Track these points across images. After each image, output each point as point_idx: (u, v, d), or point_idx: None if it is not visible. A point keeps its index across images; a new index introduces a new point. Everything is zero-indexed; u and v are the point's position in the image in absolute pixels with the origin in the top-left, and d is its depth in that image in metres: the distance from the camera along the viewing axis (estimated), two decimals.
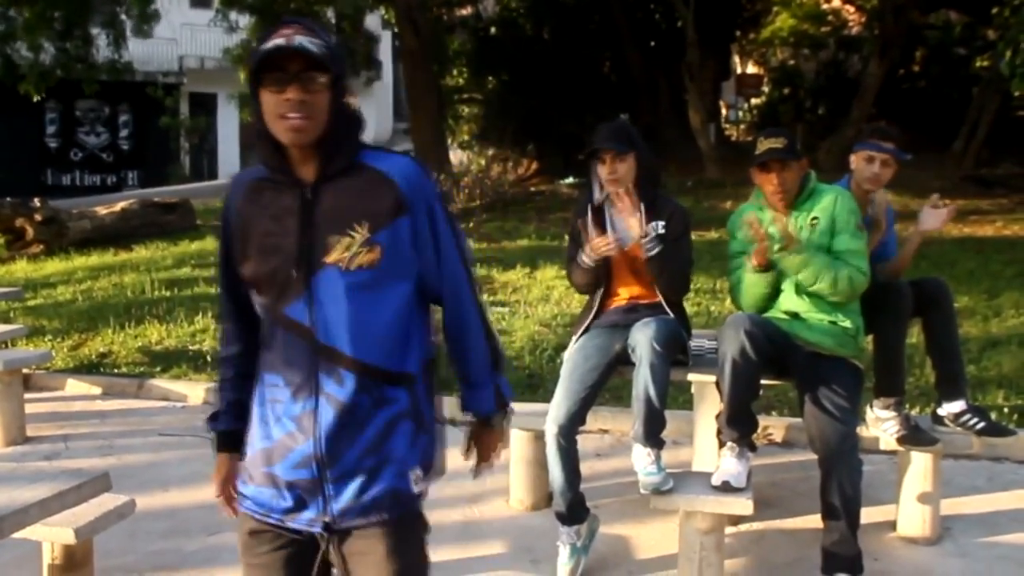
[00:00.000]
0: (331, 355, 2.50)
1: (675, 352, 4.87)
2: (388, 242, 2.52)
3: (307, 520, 2.55)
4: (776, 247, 4.69)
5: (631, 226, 4.86)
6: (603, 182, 5.02)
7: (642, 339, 4.64)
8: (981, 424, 5.11)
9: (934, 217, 5.25)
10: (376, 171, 2.57)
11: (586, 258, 4.96)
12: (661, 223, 4.99)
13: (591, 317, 5.13)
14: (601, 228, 5.03)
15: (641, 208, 5.00)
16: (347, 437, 2.51)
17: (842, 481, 4.41)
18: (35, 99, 20.92)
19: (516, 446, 5.75)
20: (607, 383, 5.13)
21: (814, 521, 4.73)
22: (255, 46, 2.48)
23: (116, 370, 8.93)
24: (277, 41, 2.41)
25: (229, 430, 2.77)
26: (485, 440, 2.96)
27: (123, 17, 21.24)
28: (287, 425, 2.53)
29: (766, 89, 30.03)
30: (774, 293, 4.86)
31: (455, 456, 2.89)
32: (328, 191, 2.52)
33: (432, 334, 2.74)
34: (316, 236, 2.50)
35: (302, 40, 2.42)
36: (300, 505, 2.54)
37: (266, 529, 2.60)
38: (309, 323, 2.50)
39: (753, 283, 4.84)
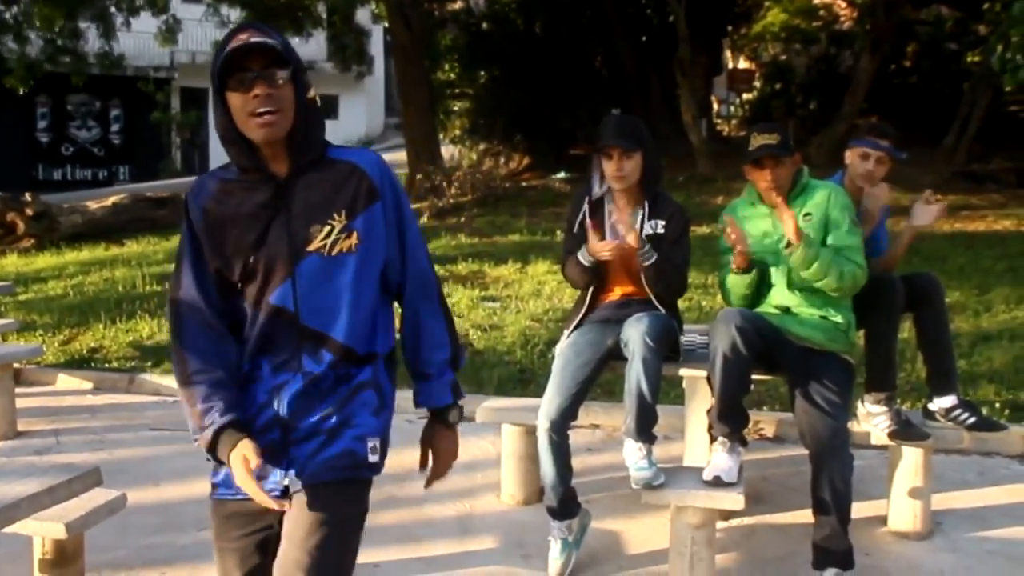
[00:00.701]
0: (314, 336, 2.67)
1: (667, 347, 4.86)
2: (363, 228, 2.69)
3: (276, 483, 2.64)
4: (761, 245, 4.70)
5: (628, 240, 4.85)
6: (608, 178, 5.01)
7: (634, 334, 4.64)
8: (972, 419, 5.12)
9: (926, 213, 5.25)
10: (345, 162, 2.74)
11: (583, 258, 4.96)
12: (661, 222, 4.98)
13: (583, 312, 5.13)
14: (599, 223, 5.03)
15: (645, 206, 5.00)
16: (309, 404, 2.67)
17: (833, 476, 4.42)
18: (21, 91, 20.84)
19: (507, 441, 5.75)
20: (599, 378, 5.13)
21: (805, 516, 4.73)
22: (216, 53, 2.59)
23: (107, 365, 8.92)
24: (236, 43, 2.53)
25: (238, 419, 2.66)
26: (442, 446, 2.97)
27: (112, 10, 21.19)
28: (260, 398, 2.70)
29: (758, 84, 30.02)
30: (763, 290, 4.87)
31: None
32: (302, 183, 2.67)
33: (393, 326, 2.87)
34: (297, 226, 2.64)
35: (259, 39, 2.55)
36: (264, 473, 2.63)
37: (240, 512, 2.68)
38: (294, 308, 2.65)
39: (735, 284, 4.85)
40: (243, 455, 2.55)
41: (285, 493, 2.63)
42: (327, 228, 2.64)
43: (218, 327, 2.72)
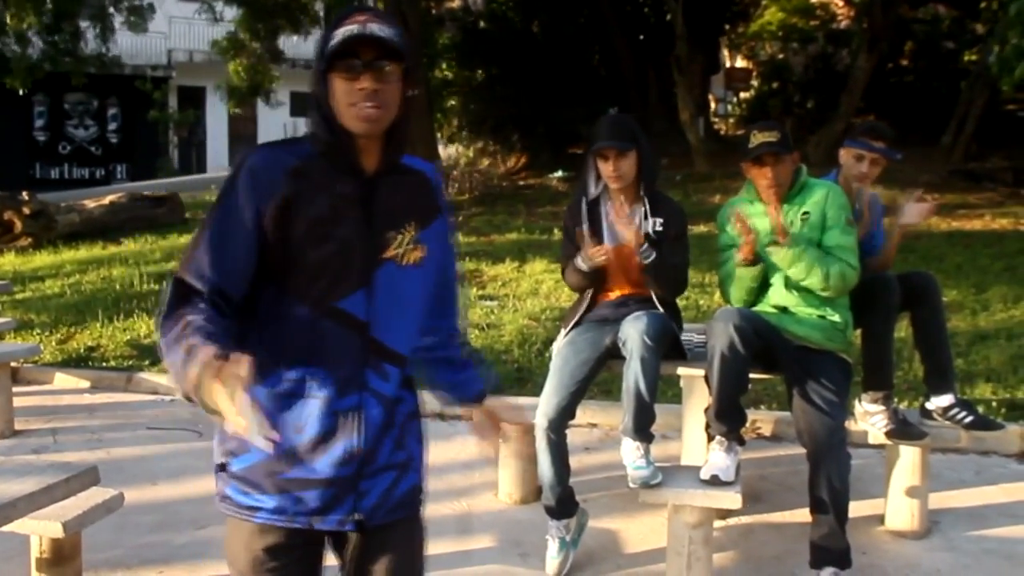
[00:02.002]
0: (381, 351, 2.47)
1: (666, 346, 4.87)
2: (429, 242, 2.55)
3: (336, 520, 2.47)
4: (766, 241, 4.70)
5: (628, 237, 4.85)
6: (605, 178, 5.01)
7: (632, 333, 4.64)
8: (969, 418, 5.13)
9: (915, 211, 5.26)
10: (418, 171, 2.61)
11: (582, 263, 4.97)
12: (660, 220, 4.99)
13: (581, 311, 5.13)
14: (596, 224, 5.04)
15: (645, 204, 5.00)
16: (384, 433, 2.49)
17: (830, 475, 4.42)
18: (21, 92, 20.84)
19: (505, 440, 5.75)
20: (597, 377, 5.13)
21: (802, 515, 4.73)
22: (326, 32, 2.42)
23: (104, 363, 8.92)
24: (351, 28, 2.35)
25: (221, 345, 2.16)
26: (493, 417, 3.00)
27: (111, 11, 21.19)
28: (326, 421, 2.41)
29: (755, 83, 30.02)
30: (763, 287, 4.87)
31: (445, 450, 2.90)
32: (385, 185, 2.49)
33: None
34: (377, 229, 2.46)
35: (375, 28, 2.36)
36: (331, 504, 2.45)
37: (281, 542, 2.49)
38: (365, 317, 2.43)
39: (741, 277, 4.84)
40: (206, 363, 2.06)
41: (359, 526, 2.49)
42: (400, 236, 2.48)
43: (232, 327, 2.36)
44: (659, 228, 4.97)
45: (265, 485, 2.45)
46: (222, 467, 2.52)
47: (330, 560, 2.63)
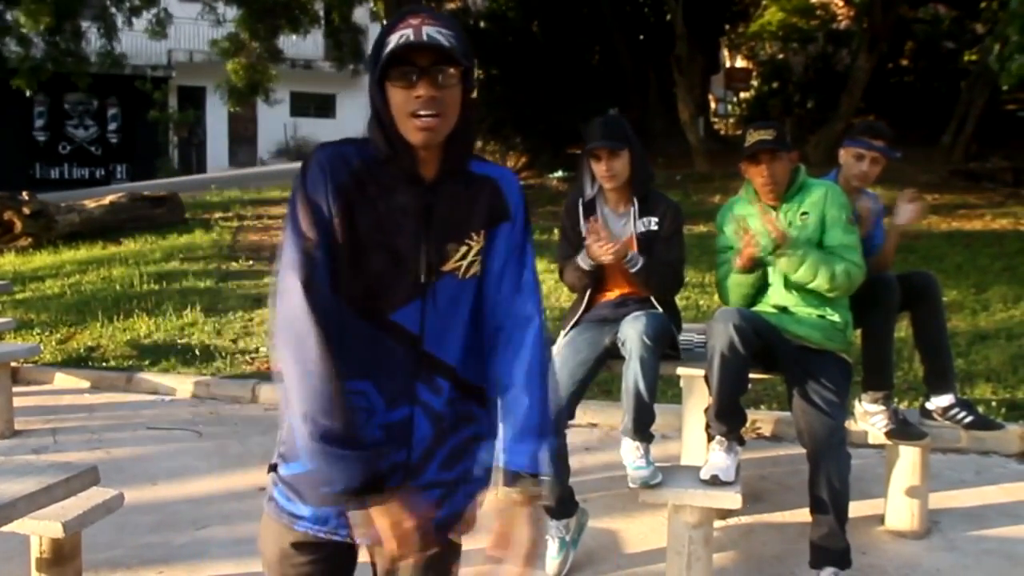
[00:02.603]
0: (433, 364, 2.37)
1: (665, 346, 4.87)
2: (491, 251, 2.43)
3: (377, 536, 2.30)
4: (765, 243, 4.70)
5: (607, 259, 4.84)
6: (599, 179, 5.01)
7: (632, 333, 4.64)
8: (969, 418, 5.13)
9: (908, 212, 5.26)
10: (486, 177, 2.46)
11: (582, 262, 4.96)
12: (654, 219, 4.99)
13: (581, 311, 5.13)
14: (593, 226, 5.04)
15: (635, 204, 5.01)
16: (434, 449, 2.40)
17: (830, 475, 4.42)
18: (28, 94, 20.86)
19: None
20: (596, 377, 5.13)
21: (802, 515, 4.73)
22: (380, 37, 2.30)
23: (105, 364, 8.92)
24: (405, 32, 2.23)
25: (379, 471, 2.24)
26: (514, 525, 2.40)
27: (113, 10, 21.19)
28: (374, 434, 2.32)
29: (755, 83, 30.03)
30: (761, 289, 4.87)
31: None
32: (446, 194, 2.37)
33: None
34: (437, 240, 2.35)
35: (431, 31, 2.23)
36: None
37: (310, 540, 2.42)
38: (418, 330, 2.35)
39: (738, 283, 4.85)
40: (395, 517, 2.21)
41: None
42: (464, 248, 2.36)
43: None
44: (652, 227, 4.98)
45: (309, 496, 2.38)
46: (273, 467, 2.47)
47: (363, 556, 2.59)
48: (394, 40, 2.23)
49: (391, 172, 2.33)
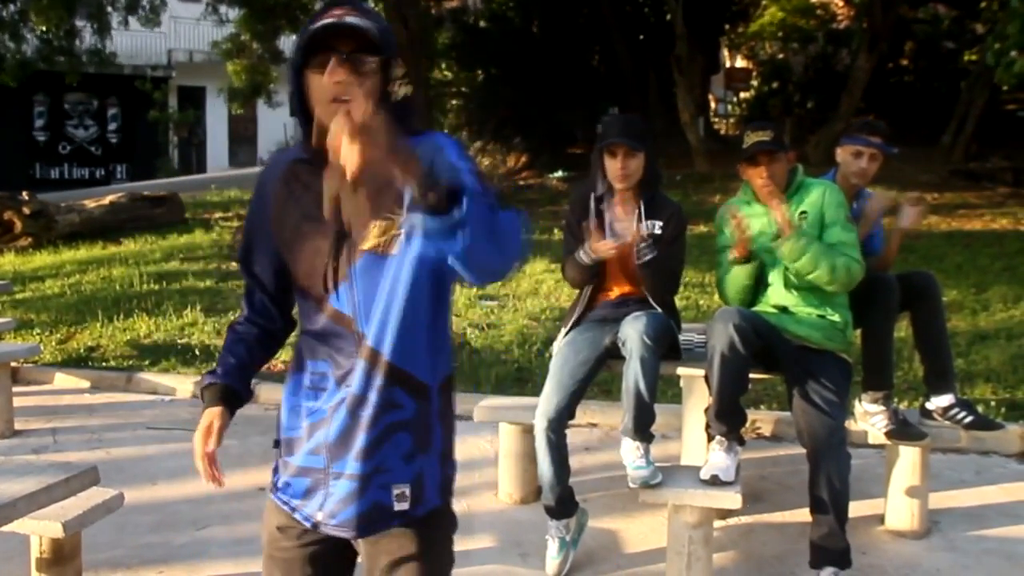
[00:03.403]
0: (365, 348, 2.39)
1: (665, 346, 4.87)
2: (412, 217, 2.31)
3: (305, 515, 2.48)
4: (762, 240, 4.70)
5: (628, 232, 4.84)
6: (611, 176, 5.01)
7: (632, 333, 4.64)
8: (969, 418, 5.13)
9: (912, 214, 5.27)
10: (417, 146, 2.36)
11: (584, 256, 4.96)
12: (659, 223, 4.99)
13: (581, 311, 5.13)
14: (599, 222, 5.03)
15: (641, 206, 5.00)
16: (353, 434, 2.40)
17: (830, 475, 4.42)
18: (12, 85, 20.82)
19: (505, 440, 5.76)
20: (596, 377, 5.13)
21: (802, 515, 4.73)
22: (304, 27, 2.34)
23: (104, 364, 8.92)
24: (327, 20, 2.27)
25: (231, 386, 2.59)
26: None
27: (108, 9, 21.20)
28: (320, 413, 2.44)
29: (755, 83, 30.04)
30: (760, 286, 4.87)
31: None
32: (367, 175, 2.22)
33: (450, 348, 2.59)
34: (358, 223, 2.37)
35: (353, 19, 2.27)
36: (306, 497, 2.48)
37: (294, 525, 2.51)
38: (351, 313, 2.39)
39: (735, 275, 4.85)
40: (207, 423, 2.53)
41: (314, 525, 2.47)
42: (384, 224, 2.35)
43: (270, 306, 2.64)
44: (657, 231, 4.97)
45: (281, 465, 2.56)
46: (276, 443, 2.60)
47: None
48: (316, 26, 2.29)
49: (315, 164, 2.34)
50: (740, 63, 32.83)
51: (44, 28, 20.05)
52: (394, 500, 2.45)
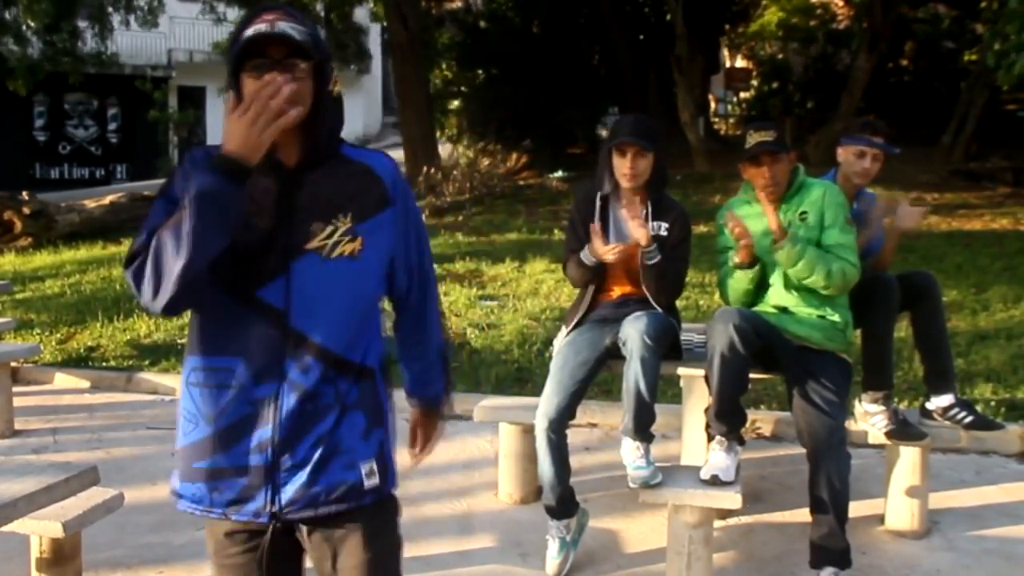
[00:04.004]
0: (301, 341, 2.45)
1: (666, 346, 4.86)
2: (370, 234, 2.52)
3: (252, 511, 2.49)
4: (764, 242, 4.70)
5: (637, 236, 4.84)
6: (619, 176, 5.00)
7: (633, 333, 4.64)
8: (969, 418, 5.13)
9: (911, 215, 5.27)
10: (361, 164, 2.58)
11: (585, 258, 4.96)
12: (664, 224, 4.98)
13: (582, 311, 5.13)
14: (603, 222, 5.03)
15: (648, 207, 5.00)
16: (304, 426, 2.46)
17: (830, 475, 4.42)
18: (24, 93, 20.86)
19: (505, 440, 5.75)
20: (597, 377, 5.13)
21: (802, 515, 4.73)
22: (236, 31, 2.42)
23: (104, 363, 8.92)
24: (259, 27, 2.35)
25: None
26: (429, 427, 2.98)
27: (109, 10, 21.21)
28: (242, 409, 2.45)
29: (755, 83, 30.06)
30: (761, 288, 4.87)
31: (445, 450, 2.88)
32: (311, 177, 2.48)
33: (382, 331, 2.70)
34: (298, 221, 2.46)
35: (284, 26, 2.36)
36: (245, 496, 2.48)
37: (238, 530, 2.54)
38: (283, 306, 2.43)
39: (738, 279, 4.85)
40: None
41: (274, 517, 2.49)
42: (329, 228, 2.46)
43: None
44: (662, 232, 4.97)
45: (181, 471, 2.58)
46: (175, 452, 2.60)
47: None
48: (249, 33, 2.36)
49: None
50: (740, 63, 32.85)
51: (33, 23, 20.02)
52: (364, 477, 2.53)
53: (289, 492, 2.47)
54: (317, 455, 2.47)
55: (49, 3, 19.08)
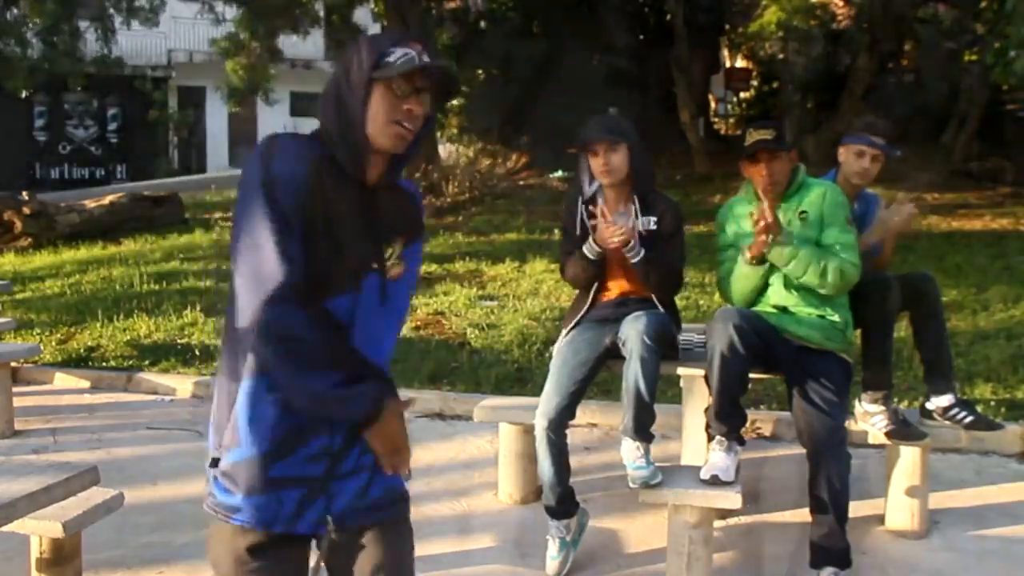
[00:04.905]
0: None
1: (665, 346, 4.86)
2: (408, 260, 2.59)
3: (311, 522, 2.49)
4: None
5: (612, 240, 4.83)
6: (596, 174, 5.00)
7: (632, 333, 4.64)
8: (969, 418, 5.13)
9: (900, 213, 5.27)
10: (405, 190, 2.65)
11: (589, 251, 4.94)
12: (653, 219, 4.98)
13: (582, 311, 5.13)
14: (593, 224, 5.03)
15: (635, 202, 5.00)
16: (356, 435, 2.44)
17: (830, 475, 4.42)
18: (24, 94, 20.84)
19: (505, 440, 5.75)
20: (596, 377, 5.13)
21: (802, 515, 4.73)
22: (377, 44, 2.44)
23: (105, 364, 8.92)
24: (410, 52, 2.41)
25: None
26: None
27: (111, 11, 21.20)
28: (301, 421, 2.42)
29: (755, 83, 30.02)
30: (761, 289, 4.87)
31: (445, 450, 2.88)
32: (382, 198, 2.53)
33: None
34: (372, 238, 2.49)
35: (436, 59, 2.45)
36: (304, 506, 2.47)
37: (264, 542, 2.48)
38: (348, 320, 2.44)
39: (746, 275, 4.83)
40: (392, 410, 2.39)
41: (334, 525, 2.50)
42: (390, 250, 2.52)
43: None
44: (652, 227, 4.97)
45: (246, 484, 2.44)
46: (215, 462, 2.49)
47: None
48: (399, 54, 2.41)
49: (339, 169, 2.45)
50: (740, 63, 32.82)
51: (38, 21, 20.01)
52: (404, 480, 2.61)
53: (345, 500, 2.51)
54: (368, 462, 2.51)
55: (53, 1, 19.07)
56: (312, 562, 2.60)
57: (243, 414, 2.41)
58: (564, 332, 5.16)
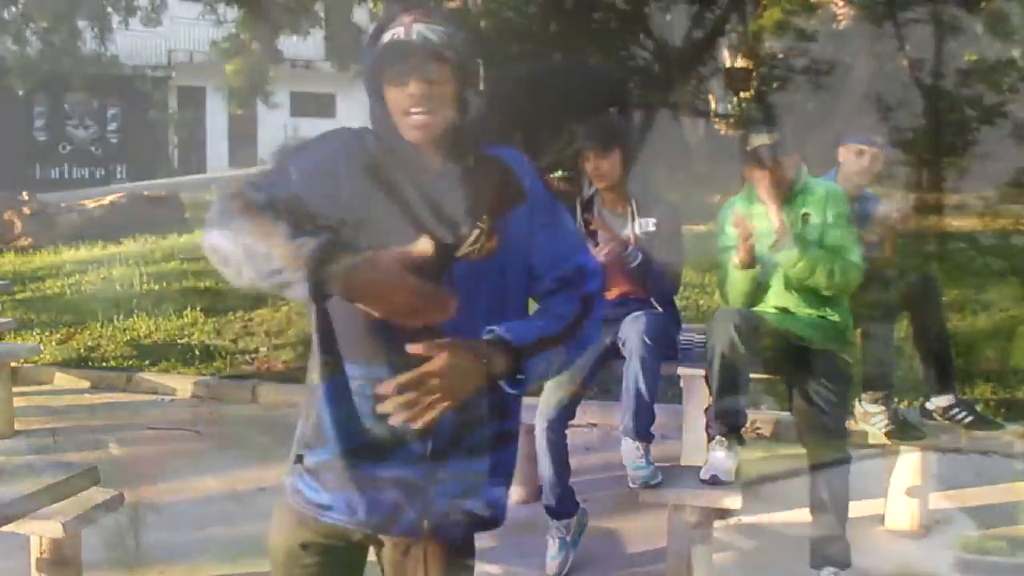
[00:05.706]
0: None
1: (665, 346, 4.86)
2: (506, 229, 2.37)
3: (406, 525, 2.38)
4: (766, 242, 4.69)
5: (602, 251, 4.83)
6: (591, 179, 5.02)
7: (632, 333, 4.64)
8: (969, 418, 5.13)
9: (901, 215, 5.28)
10: (491, 159, 2.44)
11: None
12: (652, 220, 4.99)
13: None
14: (590, 226, 5.04)
15: (632, 205, 5.00)
16: (458, 437, 2.34)
17: (830, 475, 4.42)
18: (20, 92, 20.85)
19: None
20: (596, 377, 5.13)
21: (802, 515, 4.73)
22: (374, 35, 2.35)
23: (105, 364, 8.92)
24: (395, 32, 2.28)
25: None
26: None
27: (109, 10, 21.22)
28: (386, 420, 2.17)
29: (755, 83, 30.01)
30: (761, 289, 4.86)
31: None
32: (456, 181, 2.34)
33: None
34: (450, 226, 2.31)
35: (420, 28, 2.27)
36: (399, 508, 2.36)
37: (320, 541, 2.42)
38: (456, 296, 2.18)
39: (737, 279, 4.83)
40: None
41: (425, 532, 2.39)
42: (476, 232, 2.31)
43: None
44: (651, 228, 4.97)
45: (336, 483, 2.37)
46: (299, 459, 2.43)
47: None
48: (386, 39, 2.29)
49: (405, 164, 2.33)
50: (740, 63, 32.81)
51: (41, 20, 20.03)
52: (505, 500, 2.58)
53: (441, 505, 2.38)
54: (476, 469, 2.41)
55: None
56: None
57: (326, 413, 2.35)
58: None
